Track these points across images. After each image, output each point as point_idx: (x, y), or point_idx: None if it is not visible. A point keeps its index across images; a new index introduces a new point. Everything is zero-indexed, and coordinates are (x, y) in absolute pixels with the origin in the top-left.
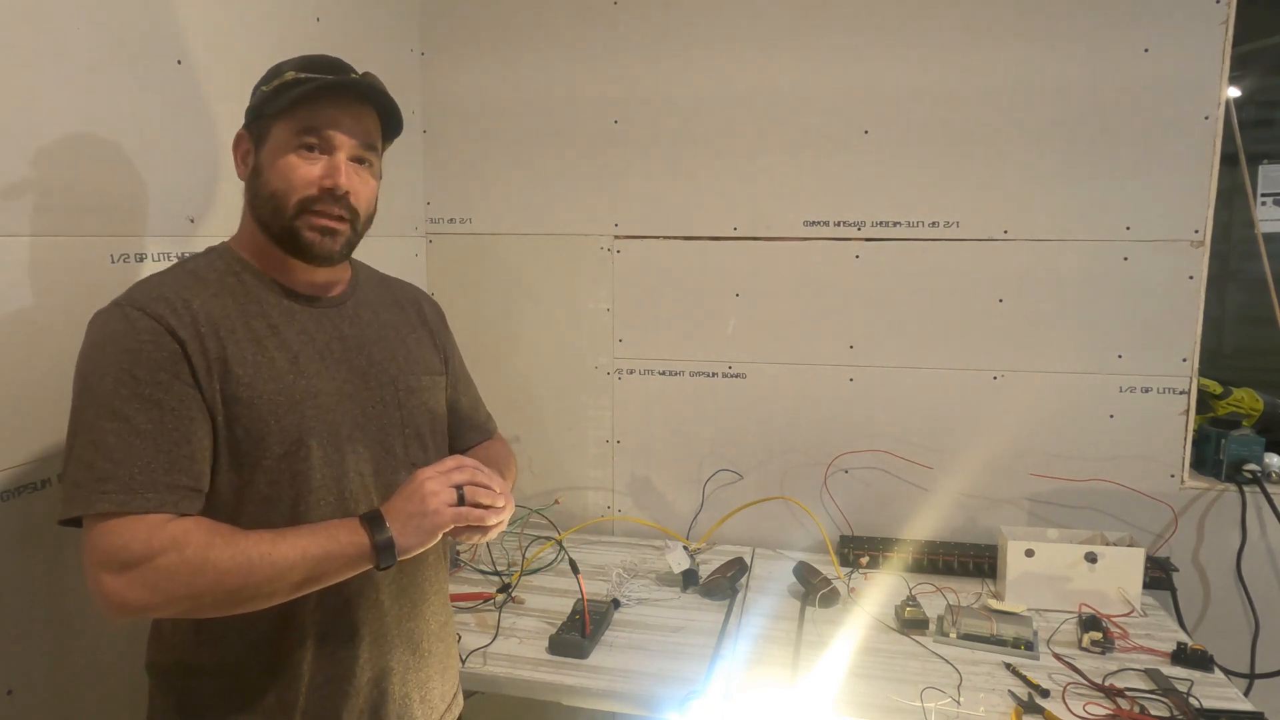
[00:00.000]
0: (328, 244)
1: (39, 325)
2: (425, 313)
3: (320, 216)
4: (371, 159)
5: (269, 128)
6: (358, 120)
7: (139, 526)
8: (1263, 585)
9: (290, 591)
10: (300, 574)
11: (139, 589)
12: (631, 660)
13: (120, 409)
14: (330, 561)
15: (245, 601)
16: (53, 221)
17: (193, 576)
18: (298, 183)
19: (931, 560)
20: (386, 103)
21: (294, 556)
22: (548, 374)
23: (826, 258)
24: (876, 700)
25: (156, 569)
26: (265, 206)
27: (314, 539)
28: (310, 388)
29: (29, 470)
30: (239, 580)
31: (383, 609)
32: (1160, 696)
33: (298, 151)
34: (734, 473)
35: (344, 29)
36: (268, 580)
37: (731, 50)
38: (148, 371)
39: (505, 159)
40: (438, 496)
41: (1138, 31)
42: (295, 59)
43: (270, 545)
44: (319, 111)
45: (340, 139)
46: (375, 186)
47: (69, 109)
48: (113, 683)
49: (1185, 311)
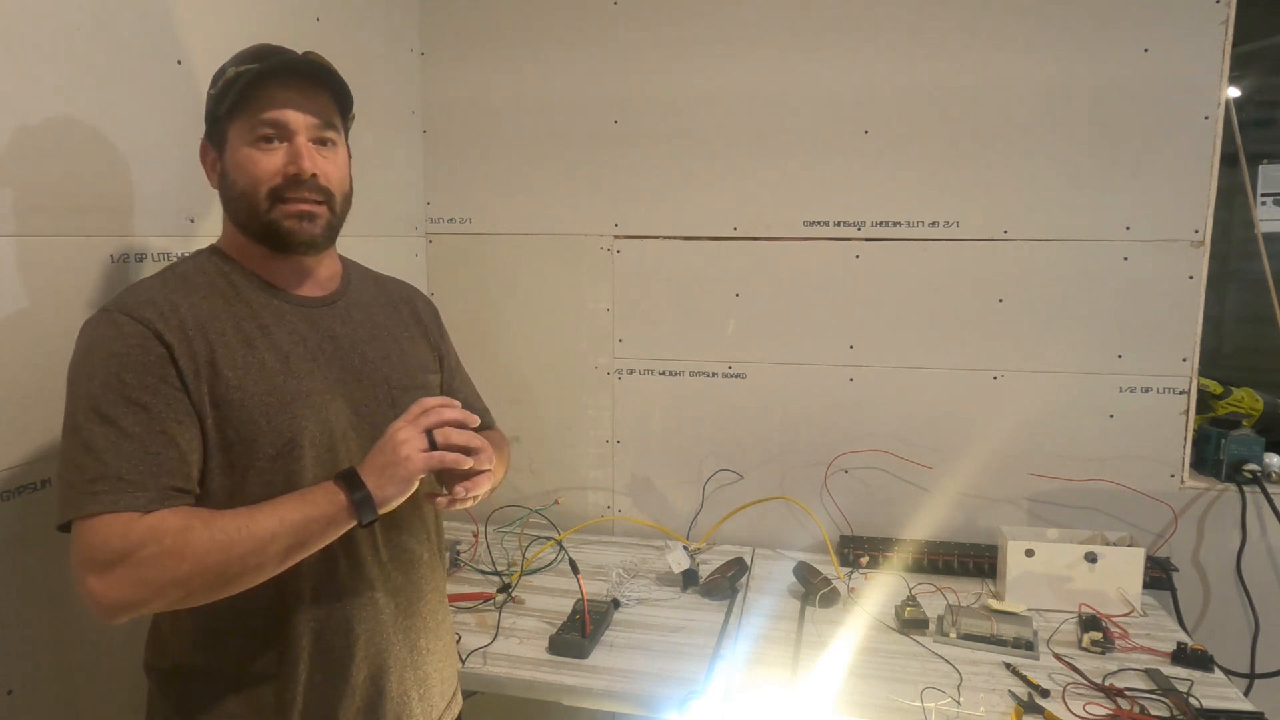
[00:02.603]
0: (308, 228)
1: (39, 325)
2: (419, 310)
3: (293, 203)
4: (332, 137)
5: (225, 130)
6: (309, 100)
7: (115, 524)
8: (1263, 585)
9: (278, 562)
10: (283, 542)
11: (125, 586)
12: (631, 660)
13: (108, 413)
14: (311, 525)
15: (234, 579)
16: (52, 221)
17: (175, 563)
18: (262, 175)
19: (931, 560)
20: (331, 77)
21: (273, 525)
22: (548, 374)
23: (826, 258)
24: (876, 700)
25: (138, 562)
26: (239, 207)
27: (291, 505)
28: (302, 388)
29: (29, 470)
30: (220, 558)
31: (378, 606)
32: (1160, 696)
33: (256, 145)
34: (734, 473)
35: (344, 29)
36: (251, 553)
37: (731, 50)
38: (135, 375)
39: (505, 159)
40: (409, 444)
41: (1138, 31)
42: (234, 56)
43: (248, 518)
44: (268, 100)
45: (296, 122)
46: (344, 164)
47: (69, 109)
48: (113, 683)
49: (1185, 311)
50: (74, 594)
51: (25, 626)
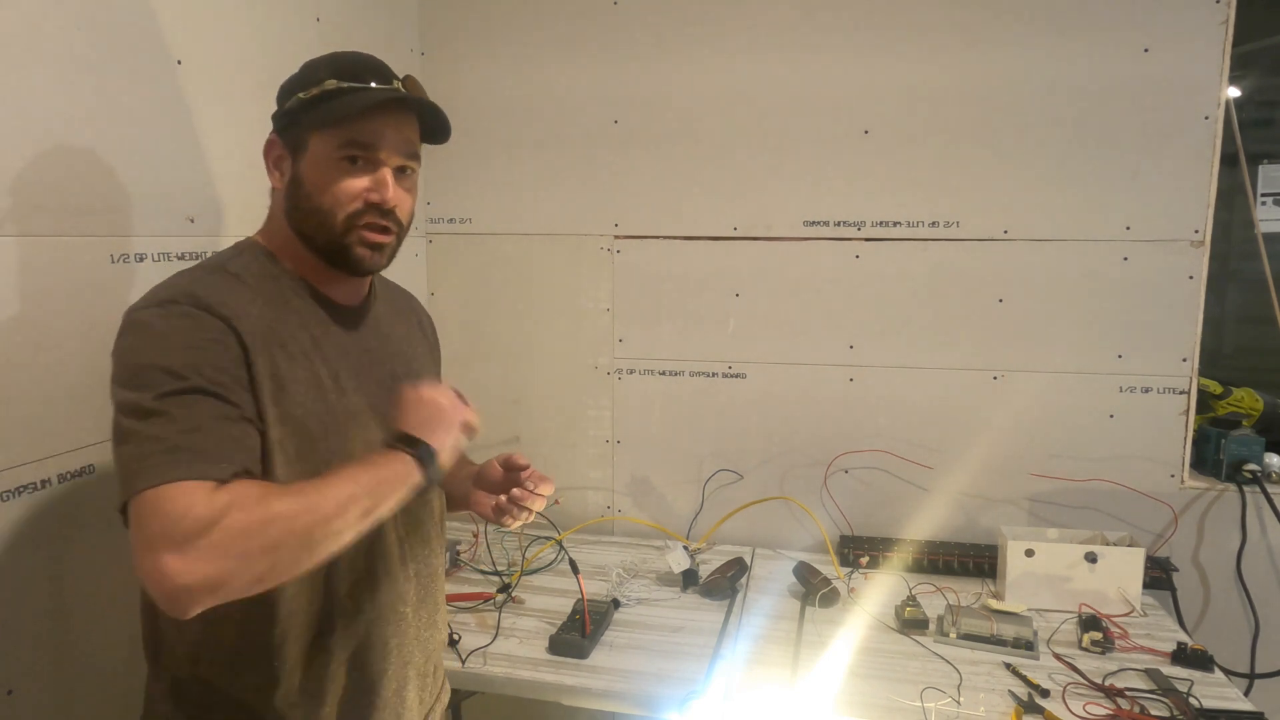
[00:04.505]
0: (377, 259)
1: (39, 325)
2: (423, 322)
3: (370, 231)
4: (413, 167)
5: (307, 136)
6: (400, 130)
7: (198, 492)
8: (1263, 585)
9: (355, 525)
10: (361, 505)
11: (210, 560)
12: (631, 660)
13: (185, 398)
14: (383, 486)
15: (318, 544)
16: (52, 221)
17: (264, 527)
18: (344, 197)
19: (931, 560)
20: (434, 113)
21: (350, 489)
22: (548, 374)
23: (826, 258)
24: (876, 700)
25: (225, 530)
26: (309, 220)
27: (359, 471)
28: (351, 406)
29: (29, 470)
30: (309, 520)
31: (406, 621)
32: (1160, 696)
33: (341, 163)
34: (734, 473)
35: (344, 29)
36: (335, 515)
37: (731, 50)
38: (213, 370)
39: (505, 159)
40: (440, 395)
41: (1138, 31)
42: (330, 61)
43: (324, 485)
44: (364, 124)
45: (386, 152)
46: (415, 196)
47: (69, 109)
48: (112, 683)
49: (1185, 311)
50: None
51: (25, 626)
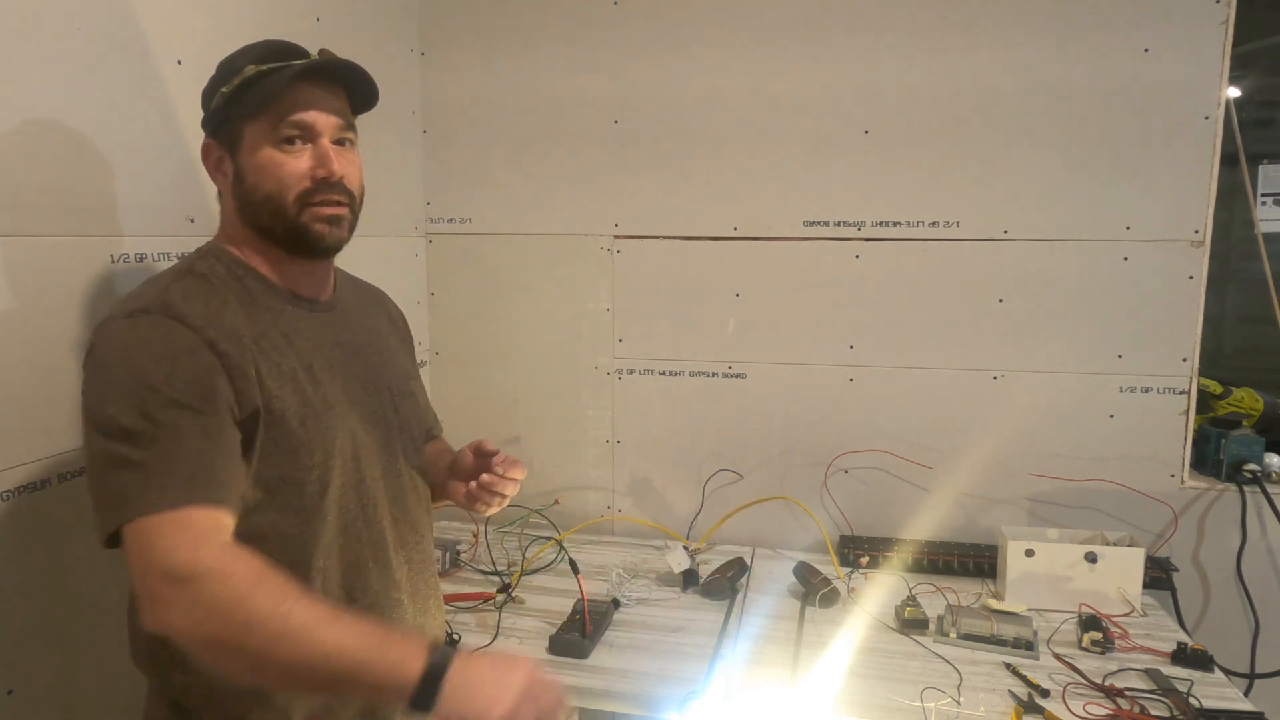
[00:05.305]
0: (336, 232)
1: (39, 325)
2: (393, 315)
3: (323, 206)
4: (351, 137)
5: (240, 129)
6: (331, 101)
7: (192, 528)
8: (1263, 585)
9: (306, 686)
10: (326, 672)
11: (182, 610)
12: (631, 660)
13: (161, 417)
14: (363, 671)
15: (257, 669)
16: (52, 221)
17: (230, 610)
18: (290, 179)
19: (931, 560)
20: (358, 76)
21: (330, 647)
22: (548, 374)
23: (826, 258)
24: (876, 700)
25: (199, 591)
26: (262, 211)
27: (361, 639)
28: (328, 397)
29: (29, 470)
30: (263, 640)
31: (402, 608)
32: (1160, 696)
33: (279, 146)
34: (734, 473)
35: (344, 29)
36: (294, 662)
37: (731, 50)
38: (185, 384)
39: (505, 159)
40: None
41: (1138, 32)
42: (244, 51)
43: (316, 623)
44: (291, 100)
45: (320, 124)
46: (360, 163)
47: (69, 109)
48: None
49: (1185, 311)
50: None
51: (26, 627)
